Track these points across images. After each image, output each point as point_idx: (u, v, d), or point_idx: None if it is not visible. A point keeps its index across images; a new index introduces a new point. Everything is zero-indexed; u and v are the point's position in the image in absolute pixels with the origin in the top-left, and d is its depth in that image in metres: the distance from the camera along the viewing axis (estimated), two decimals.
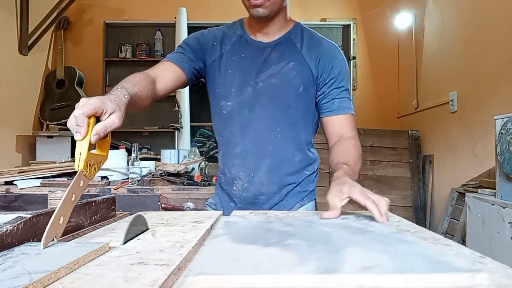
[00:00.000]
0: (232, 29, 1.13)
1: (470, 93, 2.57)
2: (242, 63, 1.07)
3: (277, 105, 1.05)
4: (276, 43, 1.08)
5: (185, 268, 0.48)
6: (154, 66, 1.04)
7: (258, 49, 1.08)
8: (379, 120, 3.92)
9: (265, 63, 1.07)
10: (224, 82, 1.08)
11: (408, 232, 0.64)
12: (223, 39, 1.11)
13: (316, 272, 0.42)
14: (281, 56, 1.07)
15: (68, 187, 0.58)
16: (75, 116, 0.61)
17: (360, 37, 4.08)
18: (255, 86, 1.06)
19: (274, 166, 1.08)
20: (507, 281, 0.42)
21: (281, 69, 1.05)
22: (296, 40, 1.09)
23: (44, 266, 0.43)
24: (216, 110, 1.12)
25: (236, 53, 1.09)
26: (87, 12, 4.09)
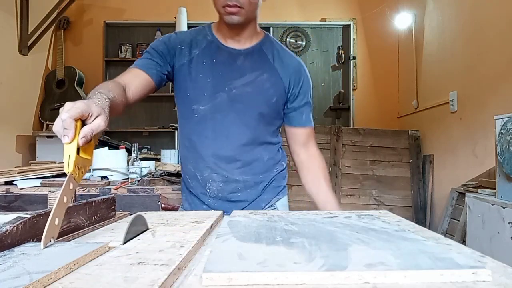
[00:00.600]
0: (201, 33, 1.14)
1: (470, 93, 2.57)
2: (214, 68, 1.09)
3: (251, 112, 1.10)
4: (248, 52, 1.11)
5: (185, 268, 0.48)
6: (122, 74, 1.04)
7: (230, 55, 1.10)
8: (379, 120, 3.92)
9: (239, 70, 1.09)
10: (196, 86, 1.09)
11: (409, 231, 0.64)
12: (192, 43, 1.11)
13: (322, 269, 0.42)
14: (254, 65, 1.10)
15: (61, 189, 0.58)
16: (63, 120, 0.62)
17: (360, 37, 4.08)
18: (229, 92, 1.08)
19: (246, 167, 1.13)
20: (507, 280, 0.42)
21: (256, 78, 1.09)
22: (268, 51, 1.13)
23: (44, 266, 0.43)
24: (187, 114, 1.12)
25: (207, 58, 1.10)
26: (87, 12, 4.09)
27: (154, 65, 1.08)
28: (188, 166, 1.16)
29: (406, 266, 0.43)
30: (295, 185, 3.21)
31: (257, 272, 0.41)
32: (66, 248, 0.52)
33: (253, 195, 1.15)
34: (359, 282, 0.41)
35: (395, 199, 3.21)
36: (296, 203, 3.16)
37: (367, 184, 3.24)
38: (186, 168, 1.18)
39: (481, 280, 0.41)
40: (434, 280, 0.41)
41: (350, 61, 3.93)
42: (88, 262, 0.48)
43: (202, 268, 0.44)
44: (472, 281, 0.41)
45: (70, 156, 0.61)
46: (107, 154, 2.20)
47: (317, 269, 0.42)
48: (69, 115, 0.62)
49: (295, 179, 1.24)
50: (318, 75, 4.01)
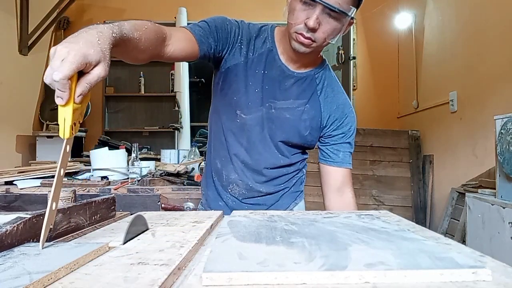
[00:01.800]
0: (262, 36, 1.08)
1: (470, 93, 2.57)
2: (264, 80, 1.05)
3: (283, 136, 1.08)
4: (300, 77, 1.07)
5: (185, 268, 0.48)
6: (173, 28, 0.93)
7: (282, 73, 1.06)
8: (379, 120, 3.92)
9: (285, 92, 1.06)
10: (244, 92, 1.05)
11: (409, 231, 0.64)
12: (250, 44, 1.06)
13: (322, 269, 0.42)
14: (301, 93, 1.07)
15: (59, 161, 0.55)
16: (56, 81, 0.53)
17: (360, 37, 4.08)
18: (269, 109, 1.06)
19: (271, 181, 1.13)
20: (506, 279, 0.42)
21: (297, 107, 1.07)
22: (318, 80, 1.09)
23: (44, 266, 0.43)
24: (229, 115, 1.09)
25: (261, 67, 1.06)
26: (87, 12, 4.10)
27: (206, 40, 0.97)
28: (216, 161, 1.14)
29: (406, 266, 0.43)
30: None
31: (257, 272, 0.41)
32: (66, 248, 0.52)
33: (272, 200, 1.15)
34: (359, 282, 0.41)
35: (395, 199, 3.21)
36: None
37: (367, 184, 3.24)
38: (213, 162, 1.16)
39: (481, 279, 0.41)
40: (434, 280, 0.41)
41: (350, 61, 3.93)
42: (88, 262, 0.48)
43: (202, 268, 0.44)
44: (472, 281, 0.41)
45: (66, 119, 0.55)
46: (107, 154, 2.20)
47: (317, 269, 0.42)
48: (62, 75, 0.53)
49: None
50: None
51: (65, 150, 0.56)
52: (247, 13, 3.87)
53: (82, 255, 0.48)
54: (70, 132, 0.55)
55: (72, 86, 0.55)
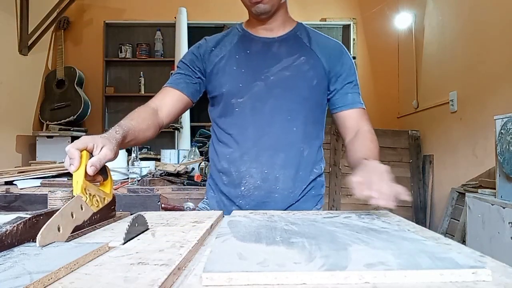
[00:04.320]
0: (232, 32, 1.14)
1: (470, 93, 2.57)
2: (248, 59, 1.07)
3: (292, 96, 1.05)
4: (283, 38, 1.09)
5: (185, 268, 0.48)
6: (158, 95, 1.08)
7: (264, 44, 1.08)
8: (379, 120, 3.92)
9: (275, 57, 1.07)
10: (230, 79, 1.07)
11: (409, 231, 0.64)
12: (222, 42, 1.11)
13: (322, 269, 0.42)
14: (291, 50, 1.07)
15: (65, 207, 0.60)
16: (67, 151, 0.68)
17: (360, 37, 4.08)
18: (267, 80, 1.05)
19: (288, 160, 1.06)
20: (507, 279, 0.42)
21: (293, 62, 1.06)
22: (303, 36, 1.11)
23: (44, 266, 0.43)
24: (226, 110, 1.08)
25: (241, 51, 1.08)
26: (87, 12, 4.09)
27: (183, 79, 1.08)
28: (222, 162, 1.08)
29: (406, 266, 0.43)
30: None
31: (257, 272, 0.41)
32: (66, 248, 0.52)
33: (290, 200, 1.06)
34: (359, 282, 0.41)
35: None
36: None
37: None
38: (218, 165, 1.10)
39: (481, 280, 0.41)
40: (434, 280, 0.41)
41: None
42: (88, 262, 0.48)
43: (202, 268, 0.44)
44: (472, 281, 0.41)
45: (78, 181, 0.65)
46: None
47: (317, 269, 0.42)
48: (72, 146, 0.69)
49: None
50: None
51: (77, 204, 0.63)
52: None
53: (82, 255, 0.48)
54: (81, 190, 0.64)
55: (82, 156, 0.69)
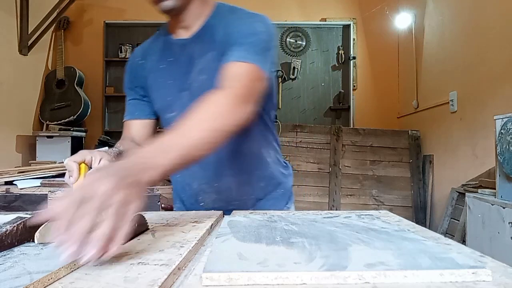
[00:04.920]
0: (157, 37, 1.04)
1: (470, 93, 2.57)
2: (171, 68, 0.98)
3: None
4: (197, 36, 0.95)
5: (185, 268, 0.48)
6: (122, 134, 1.05)
7: (181, 48, 0.97)
8: (379, 120, 3.92)
9: (191, 61, 0.95)
10: (160, 94, 1.00)
11: (409, 231, 0.64)
12: (149, 51, 1.03)
13: (322, 269, 0.42)
14: (203, 48, 0.94)
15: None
16: (66, 164, 0.69)
17: (360, 37, 4.08)
18: (191, 88, 0.95)
19: (236, 167, 0.99)
20: (507, 279, 0.42)
21: (207, 62, 0.93)
22: (217, 24, 0.94)
23: (44, 266, 0.43)
24: (165, 126, 1.02)
25: (164, 60, 0.99)
26: (87, 12, 4.10)
27: (135, 106, 1.04)
28: (176, 176, 1.05)
29: (406, 266, 0.43)
30: (295, 185, 3.21)
31: (257, 272, 0.41)
32: None
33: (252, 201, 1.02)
34: (359, 282, 0.41)
35: (395, 199, 3.21)
36: (296, 203, 3.16)
37: (367, 184, 3.24)
38: (175, 179, 1.07)
39: (481, 280, 0.41)
40: (434, 280, 0.41)
41: (350, 61, 3.93)
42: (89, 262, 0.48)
43: (202, 268, 0.44)
44: (472, 281, 0.41)
45: None
46: None
47: (317, 269, 0.42)
48: (70, 159, 0.70)
49: (295, 179, 1.21)
50: (318, 75, 4.01)
51: None
52: None
53: None
54: None
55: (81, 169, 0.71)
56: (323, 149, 3.30)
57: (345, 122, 3.95)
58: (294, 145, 3.32)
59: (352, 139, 3.33)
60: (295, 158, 3.28)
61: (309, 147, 3.31)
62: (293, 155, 3.29)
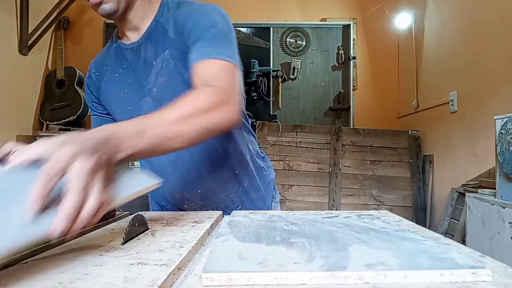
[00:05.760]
0: (109, 45, 1.00)
1: (470, 93, 2.57)
2: (126, 75, 0.92)
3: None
4: (146, 37, 0.90)
5: (185, 268, 0.48)
6: None
7: (134, 53, 0.91)
8: (379, 120, 3.92)
9: (146, 64, 0.90)
10: (118, 104, 0.95)
11: (409, 231, 0.64)
12: (101, 64, 0.99)
13: (322, 269, 0.42)
14: (156, 48, 0.89)
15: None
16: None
17: (360, 37, 4.08)
18: (151, 93, 0.90)
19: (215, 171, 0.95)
20: (507, 280, 0.42)
21: (162, 63, 0.88)
22: (165, 22, 0.89)
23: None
24: None
25: (118, 68, 0.94)
26: (87, 12, 4.09)
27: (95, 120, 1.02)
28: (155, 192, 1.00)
29: (406, 266, 0.43)
30: (295, 185, 3.21)
31: (257, 272, 0.41)
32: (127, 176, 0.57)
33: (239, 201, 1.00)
34: (359, 282, 0.41)
35: (395, 199, 3.21)
36: (296, 203, 3.16)
37: (367, 184, 3.24)
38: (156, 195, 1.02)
39: (481, 280, 0.41)
40: (434, 280, 0.41)
41: (350, 61, 3.93)
42: (88, 262, 0.48)
43: (202, 268, 0.44)
44: (472, 281, 0.41)
45: None
46: None
47: (317, 269, 0.42)
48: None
49: (295, 179, 1.21)
50: (318, 75, 4.01)
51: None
52: (247, 13, 3.87)
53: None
54: None
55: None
56: (323, 149, 3.30)
57: (345, 122, 3.95)
58: (294, 145, 3.32)
59: (352, 139, 3.33)
60: (295, 158, 3.28)
61: (309, 147, 3.31)
62: (293, 155, 3.29)
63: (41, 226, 0.41)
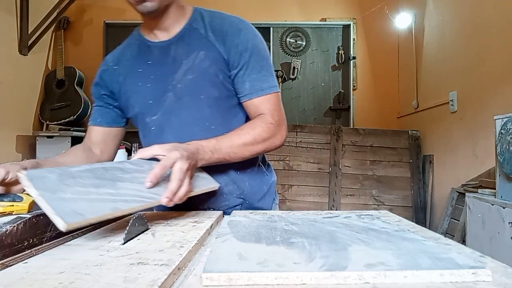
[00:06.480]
0: (131, 40, 1.05)
1: (470, 93, 2.57)
2: (150, 71, 0.98)
3: (202, 101, 0.95)
4: (178, 37, 0.97)
5: (185, 268, 0.48)
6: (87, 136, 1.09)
7: (162, 50, 0.98)
8: (379, 120, 3.92)
9: (175, 61, 0.96)
10: (139, 97, 0.99)
11: (409, 231, 0.64)
12: (122, 58, 1.04)
13: (322, 269, 0.42)
14: (188, 48, 0.96)
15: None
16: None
17: (360, 37, 4.08)
18: (175, 89, 0.96)
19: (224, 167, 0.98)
20: (507, 280, 0.42)
21: (194, 61, 0.94)
22: (199, 26, 0.97)
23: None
24: (145, 130, 1.02)
25: (141, 63, 0.99)
26: (87, 12, 4.09)
27: (98, 112, 1.07)
28: None
29: (406, 266, 0.43)
30: (295, 185, 3.21)
31: (257, 272, 0.41)
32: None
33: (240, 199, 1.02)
34: (359, 282, 0.41)
35: (395, 199, 3.21)
36: (296, 203, 3.16)
37: (367, 184, 3.24)
38: None
39: (481, 280, 0.41)
40: (434, 280, 0.41)
41: (350, 61, 3.93)
42: (88, 262, 0.48)
43: (202, 268, 0.44)
44: (472, 281, 0.41)
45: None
46: None
47: (317, 269, 0.42)
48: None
49: (295, 179, 1.21)
50: (318, 75, 4.01)
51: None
52: (247, 13, 3.87)
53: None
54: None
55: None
56: (323, 149, 3.30)
57: (345, 122, 3.95)
58: (294, 145, 3.32)
59: (352, 139, 3.33)
60: (295, 158, 3.28)
61: (309, 147, 3.31)
62: (293, 155, 3.29)
63: (153, 195, 0.68)
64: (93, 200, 0.58)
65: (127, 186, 0.66)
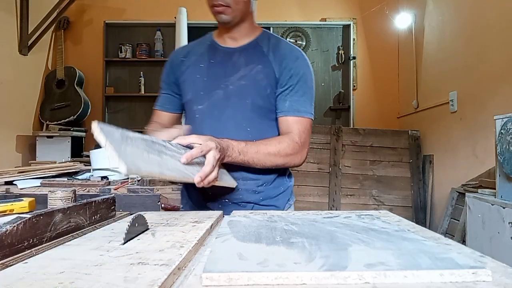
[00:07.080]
0: (202, 41, 1.20)
1: (470, 93, 2.57)
2: (210, 68, 1.12)
3: (245, 104, 1.08)
4: (243, 48, 1.12)
5: (185, 268, 0.48)
6: (153, 118, 1.21)
7: (226, 54, 1.12)
8: (379, 120, 3.92)
9: (234, 66, 1.10)
10: (193, 87, 1.13)
11: (409, 231, 0.64)
12: (190, 52, 1.18)
13: (322, 269, 0.42)
14: (249, 59, 1.10)
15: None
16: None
17: (360, 37, 4.08)
18: (226, 89, 1.09)
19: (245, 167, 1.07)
20: (507, 280, 0.42)
21: (250, 71, 1.09)
22: (263, 44, 1.13)
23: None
24: (190, 116, 1.15)
25: (204, 60, 1.14)
26: (87, 12, 4.10)
27: (166, 99, 1.20)
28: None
29: (406, 266, 0.43)
30: (295, 185, 3.21)
31: (257, 272, 0.41)
32: None
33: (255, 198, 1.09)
34: (359, 282, 0.41)
35: (395, 199, 3.21)
36: (296, 203, 3.16)
37: (367, 184, 3.24)
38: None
39: (481, 280, 0.41)
40: (434, 280, 0.41)
41: (350, 61, 3.93)
42: (88, 262, 0.48)
43: (202, 268, 0.44)
44: (472, 281, 0.41)
45: None
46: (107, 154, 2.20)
47: (317, 269, 0.42)
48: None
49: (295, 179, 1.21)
50: (318, 75, 4.01)
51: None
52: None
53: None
54: None
55: None
56: (323, 149, 3.30)
57: (345, 122, 3.95)
58: None
59: (352, 139, 3.33)
60: None
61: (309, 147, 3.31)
62: None
63: (189, 173, 0.80)
64: (146, 160, 0.70)
65: (169, 159, 0.78)
